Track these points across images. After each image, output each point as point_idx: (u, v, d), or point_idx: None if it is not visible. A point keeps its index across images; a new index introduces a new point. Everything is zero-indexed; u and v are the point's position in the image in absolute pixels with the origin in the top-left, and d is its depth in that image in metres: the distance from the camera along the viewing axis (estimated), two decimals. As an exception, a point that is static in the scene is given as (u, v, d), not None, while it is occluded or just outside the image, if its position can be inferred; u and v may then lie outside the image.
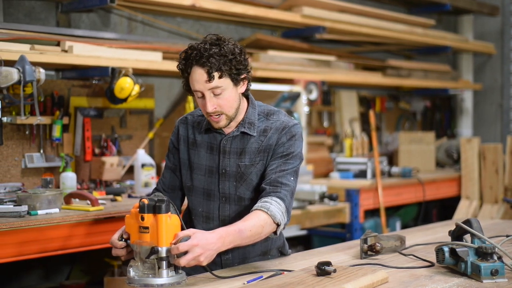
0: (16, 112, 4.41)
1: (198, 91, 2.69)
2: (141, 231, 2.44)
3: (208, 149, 2.85)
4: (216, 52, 2.64)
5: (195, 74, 2.66)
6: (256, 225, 2.59)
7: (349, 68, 6.90)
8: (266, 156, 2.81)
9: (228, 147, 2.82)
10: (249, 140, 2.82)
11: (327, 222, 5.54)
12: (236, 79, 2.71)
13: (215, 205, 2.85)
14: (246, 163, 2.80)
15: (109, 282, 4.47)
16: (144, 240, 2.43)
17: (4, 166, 4.45)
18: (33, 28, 4.62)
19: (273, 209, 2.64)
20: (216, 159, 2.83)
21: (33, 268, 4.83)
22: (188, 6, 5.19)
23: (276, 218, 2.64)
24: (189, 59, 2.68)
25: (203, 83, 2.65)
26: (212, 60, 2.62)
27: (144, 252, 2.43)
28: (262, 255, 2.93)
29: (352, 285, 2.34)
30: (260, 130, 2.83)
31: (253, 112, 2.85)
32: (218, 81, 2.65)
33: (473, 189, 6.87)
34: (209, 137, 2.86)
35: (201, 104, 2.72)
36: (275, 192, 2.70)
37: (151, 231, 2.41)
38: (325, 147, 6.81)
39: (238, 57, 2.69)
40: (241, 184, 2.81)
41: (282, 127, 2.82)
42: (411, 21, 7.48)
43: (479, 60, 9.08)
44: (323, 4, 6.26)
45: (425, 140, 7.33)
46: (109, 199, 4.42)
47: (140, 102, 5.28)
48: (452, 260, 2.59)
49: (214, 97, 2.68)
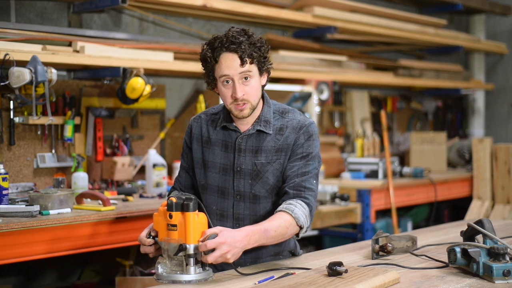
0: (28, 112, 4.43)
1: (228, 77, 2.70)
2: (169, 229, 2.48)
3: (223, 147, 2.86)
4: (245, 40, 2.70)
5: (226, 59, 2.69)
6: (281, 226, 2.64)
7: (360, 68, 6.88)
8: (284, 155, 2.82)
9: (243, 145, 2.82)
10: (265, 138, 2.83)
11: (338, 222, 5.53)
12: (262, 68, 2.77)
13: (229, 203, 2.86)
14: (262, 161, 2.81)
15: (121, 282, 4.48)
16: (172, 237, 2.47)
17: (16, 166, 4.47)
18: (45, 28, 4.64)
19: (297, 212, 2.68)
20: (231, 157, 2.84)
21: (44, 268, 4.85)
22: (199, 6, 5.20)
23: (300, 220, 2.69)
24: (218, 47, 2.70)
25: (235, 67, 2.68)
26: (243, 46, 2.68)
27: (172, 249, 2.46)
28: (274, 255, 2.94)
29: (363, 286, 2.33)
30: (276, 128, 2.84)
31: (268, 110, 2.86)
32: (249, 66, 2.71)
33: (485, 190, 6.84)
34: (224, 135, 2.87)
35: (226, 92, 2.73)
36: (299, 197, 2.75)
37: (179, 229, 2.46)
38: (336, 147, 6.80)
39: (265, 47, 2.76)
40: (257, 182, 2.82)
41: (299, 126, 2.85)
42: (422, 21, 7.46)
43: (491, 60, 9.05)
44: (334, 4, 6.25)
45: (437, 140, 7.31)
46: (120, 199, 4.43)
47: (152, 102, 5.28)
48: (464, 261, 2.58)
49: (242, 84, 2.71)
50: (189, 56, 5.18)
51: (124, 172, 4.86)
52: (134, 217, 4.01)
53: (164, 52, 4.98)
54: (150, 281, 4.32)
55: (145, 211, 4.05)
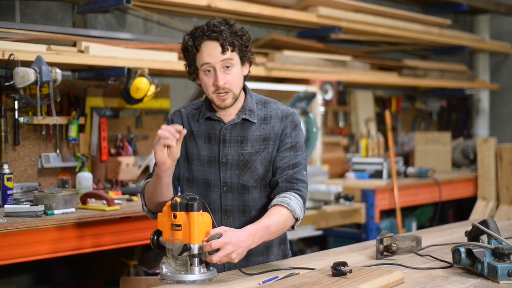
0: (32, 112, 4.44)
1: (209, 65, 2.70)
2: (173, 229, 2.47)
3: (206, 139, 2.84)
4: (226, 28, 2.70)
5: (208, 47, 2.69)
6: (280, 220, 2.66)
7: (364, 68, 6.88)
8: (272, 145, 2.82)
9: (228, 135, 2.81)
10: (250, 127, 2.82)
11: (342, 222, 5.53)
12: (243, 57, 2.77)
13: (216, 195, 2.84)
14: (250, 150, 2.80)
15: (125, 282, 4.48)
16: (176, 237, 2.46)
17: (21, 166, 4.47)
18: (49, 28, 4.65)
19: (293, 205, 2.70)
20: (216, 148, 2.82)
21: (49, 268, 4.85)
22: (204, 7, 5.20)
23: (296, 213, 2.71)
24: (200, 35, 2.70)
25: (216, 55, 2.68)
26: (224, 34, 2.68)
27: (177, 249, 2.46)
28: (265, 250, 2.92)
29: (368, 286, 2.33)
30: (260, 118, 2.84)
31: (251, 100, 2.87)
32: (231, 54, 2.71)
33: (490, 190, 6.83)
34: (207, 127, 2.85)
35: (208, 81, 2.73)
36: (293, 189, 2.77)
37: (183, 229, 2.45)
38: (340, 147, 6.80)
39: (246, 36, 2.76)
40: (245, 173, 2.81)
41: (284, 115, 2.85)
42: (427, 21, 7.46)
43: (495, 60, 9.04)
44: (338, 4, 6.25)
45: (441, 140, 7.30)
46: (125, 199, 4.43)
47: (156, 102, 5.29)
48: (469, 261, 2.58)
49: (224, 72, 2.71)
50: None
51: (129, 172, 4.87)
52: (139, 217, 4.02)
53: (168, 52, 4.98)
54: (154, 281, 4.33)
55: (149, 211, 4.05)
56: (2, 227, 3.38)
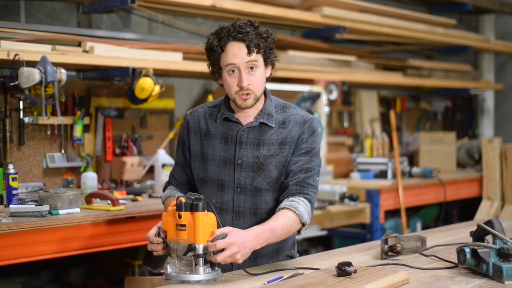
0: (37, 112, 4.45)
1: (234, 66, 2.71)
2: (178, 229, 2.48)
3: (222, 139, 2.84)
4: (252, 30, 2.72)
5: (233, 48, 2.70)
6: (286, 223, 2.67)
7: (369, 68, 6.88)
8: (287, 149, 2.82)
9: (245, 137, 2.82)
10: (267, 131, 2.83)
11: (347, 222, 5.52)
12: (267, 59, 2.80)
13: (229, 196, 2.84)
14: (265, 153, 2.80)
15: (130, 281, 4.49)
16: (181, 237, 2.47)
17: (26, 166, 4.48)
18: (54, 29, 4.66)
19: (301, 209, 2.71)
20: (232, 149, 2.82)
21: (54, 267, 4.86)
22: (208, 7, 5.20)
23: (303, 218, 2.72)
24: (225, 36, 2.71)
25: (242, 56, 2.70)
26: (250, 36, 2.69)
27: (181, 249, 2.47)
28: (275, 253, 2.92)
29: (372, 286, 2.33)
30: (278, 121, 2.85)
31: (270, 104, 2.87)
32: (256, 56, 2.73)
33: (495, 190, 6.82)
34: (224, 127, 2.85)
35: (231, 81, 2.73)
36: (302, 193, 2.78)
37: (188, 229, 2.46)
38: (345, 147, 6.79)
39: (271, 38, 2.80)
40: (259, 175, 2.81)
41: (303, 120, 2.86)
42: (431, 20, 7.45)
43: (500, 60, 9.02)
44: (343, 4, 6.25)
45: (446, 140, 7.29)
46: (129, 199, 4.44)
47: (161, 103, 5.29)
48: (474, 261, 2.58)
49: (248, 73, 2.72)
50: (198, 56, 5.19)
51: (133, 172, 4.87)
52: (143, 217, 4.02)
53: (173, 52, 4.98)
54: (159, 281, 4.33)
55: (154, 211, 4.06)
56: (7, 227, 3.39)
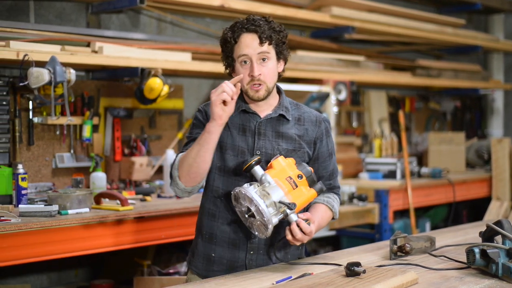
0: (47, 112, 4.46)
1: (246, 56, 2.74)
2: (296, 180, 2.65)
3: (240, 130, 2.85)
4: (265, 23, 2.77)
5: (246, 39, 2.75)
6: (324, 218, 2.90)
7: (378, 68, 6.87)
8: (307, 147, 2.88)
9: (263, 129, 2.83)
10: (285, 124, 2.86)
11: (356, 222, 5.52)
12: (280, 53, 2.82)
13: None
14: (289, 147, 2.84)
15: (139, 281, 4.49)
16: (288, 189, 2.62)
17: (35, 166, 4.49)
18: (63, 29, 4.67)
19: (336, 207, 2.95)
20: (250, 140, 2.83)
21: (63, 267, 4.87)
22: (217, 7, 5.21)
23: (336, 215, 2.97)
24: (239, 28, 2.76)
25: (254, 47, 2.74)
26: (263, 28, 2.75)
27: (280, 196, 2.59)
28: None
29: (381, 286, 2.33)
30: (294, 117, 2.89)
31: (285, 99, 2.92)
32: (268, 47, 2.76)
33: (504, 190, 6.80)
34: (241, 119, 2.86)
35: (244, 72, 2.76)
36: (333, 193, 3.00)
37: (298, 192, 2.63)
38: (354, 148, 6.79)
39: (284, 33, 2.83)
40: None
41: (318, 120, 2.93)
42: (441, 20, 7.43)
43: (510, 60, 8.99)
44: (352, 4, 6.24)
45: (455, 140, 7.28)
46: (138, 199, 4.44)
47: (169, 103, 5.30)
48: (483, 262, 2.57)
49: (259, 64, 2.75)
50: (206, 57, 5.19)
51: (142, 172, 4.88)
52: (152, 217, 4.03)
53: (182, 53, 4.99)
54: (168, 281, 4.34)
55: (163, 211, 4.06)
56: (17, 227, 3.40)
